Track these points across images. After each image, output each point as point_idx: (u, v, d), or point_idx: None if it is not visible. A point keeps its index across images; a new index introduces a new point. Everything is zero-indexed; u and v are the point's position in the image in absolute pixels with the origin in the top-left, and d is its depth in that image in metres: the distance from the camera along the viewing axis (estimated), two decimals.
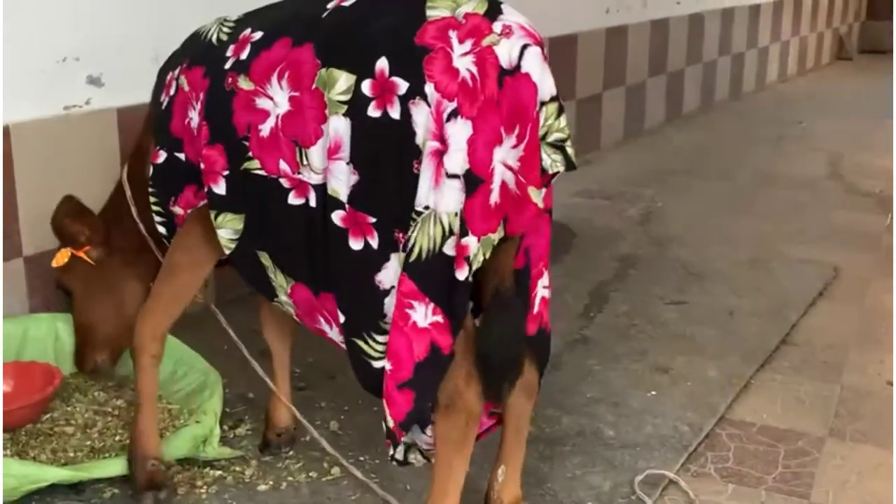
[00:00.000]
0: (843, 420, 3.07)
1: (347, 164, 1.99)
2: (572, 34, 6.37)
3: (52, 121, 3.26)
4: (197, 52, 2.37)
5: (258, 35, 2.21)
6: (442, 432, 2.12)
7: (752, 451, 2.89)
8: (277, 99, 2.10)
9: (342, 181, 2.01)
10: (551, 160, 2.07)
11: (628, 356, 3.52)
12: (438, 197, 1.92)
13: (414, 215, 1.94)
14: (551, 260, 2.32)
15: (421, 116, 1.91)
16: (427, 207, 1.93)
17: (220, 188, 2.25)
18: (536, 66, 1.98)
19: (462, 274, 1.96)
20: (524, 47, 1.97)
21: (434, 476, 2.19)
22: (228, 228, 2.27)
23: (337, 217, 2.03)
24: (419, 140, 1.92)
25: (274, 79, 2.11)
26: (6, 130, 3.13)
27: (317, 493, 2.59)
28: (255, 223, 2.24)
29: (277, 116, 2.10)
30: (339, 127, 2.00)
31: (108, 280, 2.79)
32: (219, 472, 2.68)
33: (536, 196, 2.03)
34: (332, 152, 2.01)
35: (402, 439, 2.17)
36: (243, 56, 2.20)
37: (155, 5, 3.53)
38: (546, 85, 2.02)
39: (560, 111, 2.06)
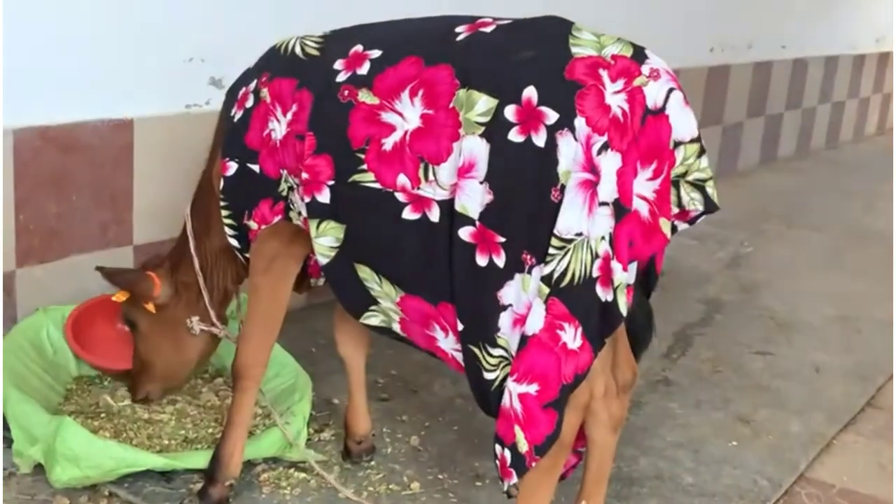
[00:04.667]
0: None
1: (481, 183, 2.05)
2: (675, 70, 6.34)
3: (173, 118, 3.38)
4: (280, 66, 2.41)
5: (376, 52, 2.26)
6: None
7: None
8: (407, 115, 2.15)
9: (474, 199, 2.05)
10: (690, 198, 2.17)
11: (710, 403, 3.51)
12: (591, 224, 2.00)
13: (562, 242, 2.00)
14: None
15: (567, 147, 1.97)
16: (580, 234, 1.99)
17: (324, 197, 2.26)
18: (678, 108, 2.09)
19: (605, 295, 2.03)
20: (670, 91, 2.08)
21: (519, 502, 2.24)
22: (330, 237, 2.29)
23: (465, 233, 2.08)
24: (561, 169, 1.98)
25: (405, 95, 2.16)
26: (129, 124, 3.26)
27: None
28: (359, 234, 2.26)
29: (406, 132, 2.15)
30: (474, 147, 2.05)
31: (169, 322, 2.80)
32: (303, 475, 2.75)
33: (666, 227, 2.12)
34: (464, 171, 2.06)
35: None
36: (362, 71, 2.24)
37: (275, 9, 3.64)
38: (688, 126, 2.11)
39: (701, 152, 2.15)
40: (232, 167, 2.47)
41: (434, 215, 2.13)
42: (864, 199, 7.33)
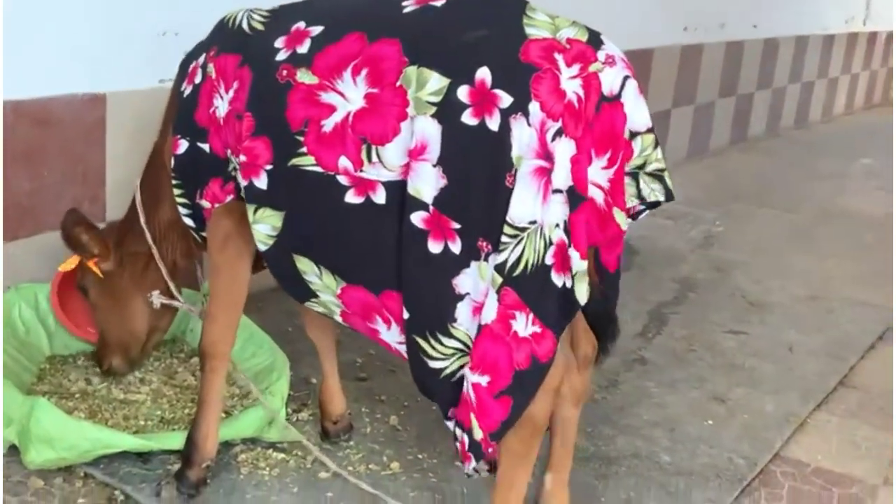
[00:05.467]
0: None
1: (434, 166, 1.99)
2: (648, 49, 6.36)
3: (146, 93, 3.32)
4: (227, 40, 2.36)
5: (317, 29, 2.18)
6: (507, 444, 2.16)
7: (806, 492, 2.89)
8: (350, 94, 2.08)
9: (427, 183, 2.00)
10: (650, 189, 2.16)
11: (686, 382, 3.52)
12: (545, 211, 1.96)
13: (515, 230, 1.96)
14: None
15: (521, 132, 1.93)
16: (533, 222, 1.96)
17: (262, 182, 2.20)
18: (632, 97, 2.08)
19: (560, 280, 2.00)
20: (625, 78, 2.06)
21: (497, 487, 2.24)
22: (266, 224, 2.23)
23: (417, 218, 2.02)
24: (514, 154, 1.94)
25: (347, 74, 2.09)
26: (102, 98, 3.20)
27: (376, 485, 2.61)
28: (297, 222, 2.20)
29: (349, 113, 2.08)
30: (427, 128, 1.98)
31: (116, 291, 2.81)
32: (281, 455, 2.73)
33: (620, 217, 2.10)
34: (416, 153, 2.00)
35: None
36: (302, 49, 2.17)
37: None
38: (642, 116, 2.10)
39: (656, 143, 2.14)
40: (182, 145, 2.42)
41: (379, 197, 2.07)
42: (834, 179, 7.38)
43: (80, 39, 3.11)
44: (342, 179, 2.11)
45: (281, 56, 2.20)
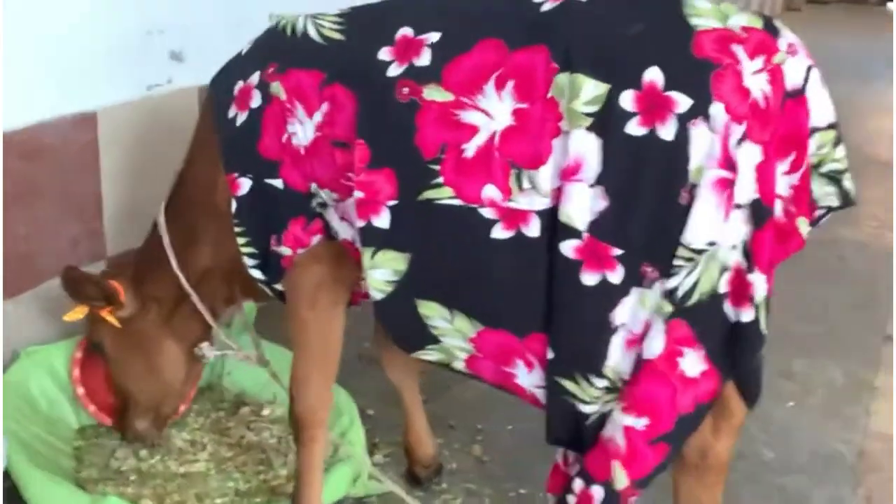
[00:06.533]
0: None
1: (592, 186, 1.71)
2: None
3: (136, 106, 2.87)
4: (292, 54, 1.99)
5: (433, 36, 1.85)
6: (690, 491, 1.92)
7: None
8: (494, 111, 1.77)
9: (582, 207, 1.71)
10: (823, 192, 1.87)
11: None
12: (725, 230, 1.69)
13: (690, 254, 1.68)
14: None
15: (702, 140, 1.66)
16: (713, 243, 1.68)
17: (383, 221, 1.86)
18: (816, 90, 1.79)
19: (747, 315, 1.71)
20: (809, 69, 1.77)
21: None
22: (387, 269, 1.89)
23: (568, 248, 1.74)
24: (693, 166, 1.67)
25: (489, 88, 1.77)
26: (93, 117, 2.73)
27: None
28: (427, 264, 1.87)
29: (494, 133, 1.77)
30: (582, 143, 1.70)
31: (140, 341, 2.40)
32: None
33: (804, 228, 1.82)
34: (569, 173, 1.71)
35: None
36: (421, 61, 1.84)
37: None
38: (826, 109, 1.82)
39: (838, 140, 1.85)
40: (244, 184, 2.03)
41: (533, 230, 1.77)
42: None
43: (57, 52, 2.61)
44: (487, 213, 1.79)
45: (394, 71, 1.84)
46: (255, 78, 2.02)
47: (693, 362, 1.74)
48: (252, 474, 2.46)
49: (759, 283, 1.70)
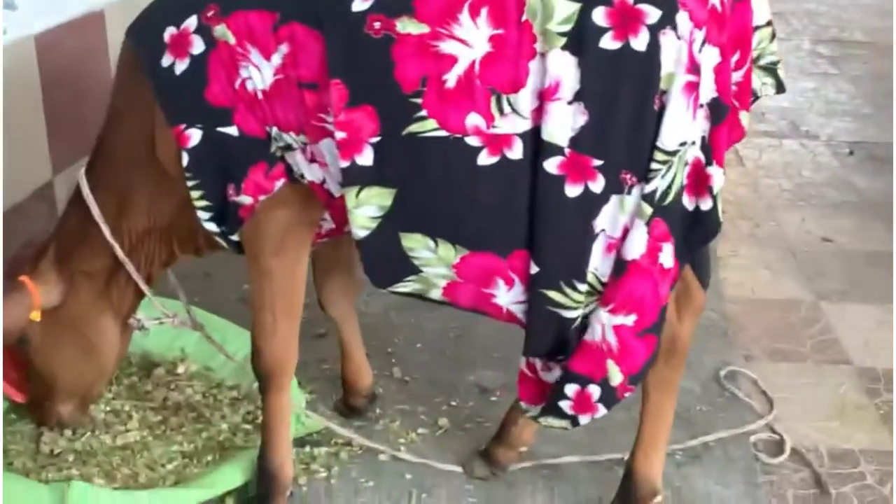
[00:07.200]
0: None
1: (571, 103, 1.79)
2: None
3: None
4: None
5: None
6: (660, 378, 2.09)
7: None
8: (472, 39, 1.80)
9: (563, 124, 1.80)
10: (762, 83, 2.07)
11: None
12: (693, 129, 1.84)
13: (666, 156, 1.82)
14: None
15: (671, 48, 1.78)
16: (684, 143, 1.83)
17: (366, 159, 1.85)
18: None
19: (706, 204, 1.89)
20: None
21: (644, 422, 2.16)
22: (371, 206, 1.89)
23: (552, 164, 1.82)
24: (664, 72, 1.79)
25: (464, 17, 1.79)
26: None
27: (437, 454, 2.43)
28: (413, 197, 1.89)
29: (474, 61, 1.80)
30: (558, 63, 1.77)
31: (73, 324, 2.26)
32: (325, 449, 2.43)
33: (745, 120, 2.02)
34: (549, 94, 1.79)
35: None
36: None
37: None
38: (764, 8, 2.01)
39: (773, 35, 2.05)
40: (194, 135, 1.94)
41: (516, 152, 1.84)
42: None
43: None
44: (473, 140, 1.83)
45: (360, 5, 1.82)
46: (191, 22, 1.92)
47: (668, 254, 1.90)
48: (193, 433, 2.40)
49: (717, 174, 1.87)
